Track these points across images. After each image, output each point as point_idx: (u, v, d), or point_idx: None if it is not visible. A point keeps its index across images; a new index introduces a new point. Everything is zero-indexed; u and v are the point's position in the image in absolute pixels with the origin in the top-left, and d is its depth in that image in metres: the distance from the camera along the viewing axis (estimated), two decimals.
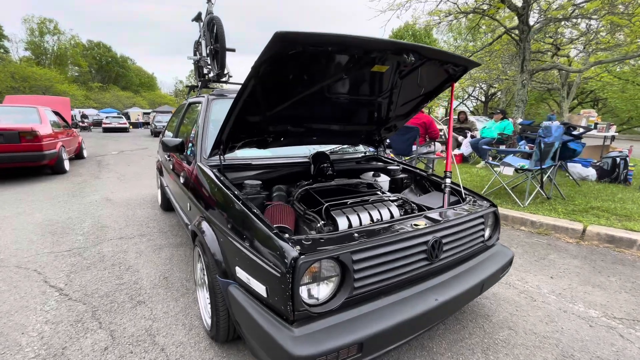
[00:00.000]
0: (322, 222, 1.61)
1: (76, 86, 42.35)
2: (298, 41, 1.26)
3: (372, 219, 1.69)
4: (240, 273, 1.41)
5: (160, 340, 1.88)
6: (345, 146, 2.91)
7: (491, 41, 10.56)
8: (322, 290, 1.29)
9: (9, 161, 5.76)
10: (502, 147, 7.64)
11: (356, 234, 1.41)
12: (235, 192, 1.67)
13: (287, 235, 1.33)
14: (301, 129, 2.16)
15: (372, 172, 2.44)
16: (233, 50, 3.14)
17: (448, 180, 2.06)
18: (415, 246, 1.49)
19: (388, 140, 3.01)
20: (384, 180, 2.41)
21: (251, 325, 1.30)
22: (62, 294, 2.35)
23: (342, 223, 1.60)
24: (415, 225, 1.59)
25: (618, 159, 5.72)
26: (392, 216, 1.77)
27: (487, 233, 1.99)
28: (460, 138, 8.47)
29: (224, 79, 3.13)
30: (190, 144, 2.59)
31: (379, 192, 2.02)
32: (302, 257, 1.19)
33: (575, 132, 5.10)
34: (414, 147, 5.43)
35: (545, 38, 11.98)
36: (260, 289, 1.29)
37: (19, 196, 5.02)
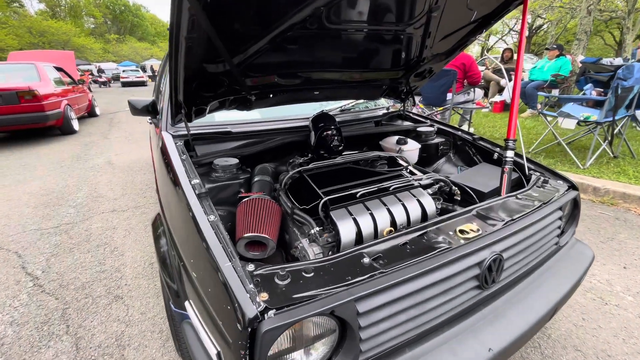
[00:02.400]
0: (317, 228, 1.07)
1: (93, 39, 41.59)
2: None
3: (393, 222, 1.13)
4: (191, 313, 0.94)
5: (129, 355, 1.55)
6: (362, 101, 2.24)
7: None
8: (308, 357, 0.80)
9: (10, 123, 5.53)
10: (555, 92, 6.45)
11: (366, 259, 0.87)
12: (193, 181, 1.15)
13: (250, 268, 0.81)
14: (295, 81, 1.53)
15: (397, 138, 1.81)
16: None
17: (510, 154, 1.40)
18: (462, 272, 0.94)
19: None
20: (412, 149, 1.78)
21: None
22: (36, 284, 2.08)
23: (347, 231, 1.06)
24: (463, 232, 1.02)
25: None
26: (424, 214, 1.20)
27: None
28: (502, 81, 7.25)
29: None
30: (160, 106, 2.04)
31: (405, 172, 1.42)
32: (269, 316, 0.69)
33: None
34: (449, 95, 4.55)
35: None
36: (212, 350, 0.82)
37: (23, 161, 4.84)
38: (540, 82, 6.46)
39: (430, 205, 1.22)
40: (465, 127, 4.79)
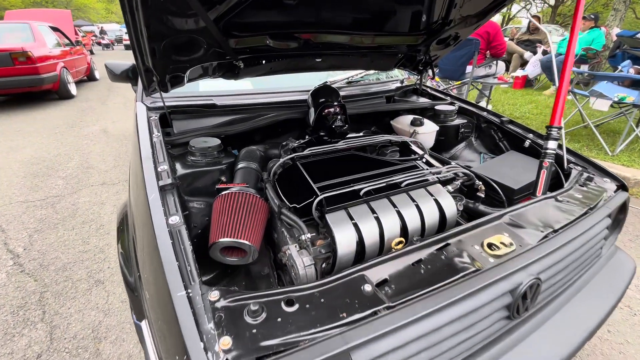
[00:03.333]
0: (309, 235, 0.86)
1: None
2: None
3: (404, 230, 0.91)
4: (147, 337, 0.76)
5: (105, 349, 1.43)
6: (372, 72, 1.94)
7: None
8: None
9: (5, 87, 5.28)
10: (584, 68, 5.92)
11: (368, 287, 0.66)
12: (160, 167, 0.94)
13: (213, 296, 0.61)
14: (292, 44, 1.25)
15: (412, 118, 1.55)
16: None
17: (552, 145, 1.14)
18: (491, 302, 0.74)
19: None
20: (429, 132, 1.53)
21: None
22: (16, 263, 1.96)
23: (345, 241, 0.84)
24: (492, 247, 0.80)
25: None
26: (442, 219, 0.97)
27: None
28: (527, 54, 6.67)
29: None
30: None
31: (420, 162, 1.18)
32: None
33: None
34: (468, 68, 4.15)
35: None
36: None
37: (18, 126, 4.67)
38: None
39: (451, 207, 0.99)
40: (482, 104, 4.43)
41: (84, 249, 2.08)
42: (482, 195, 1.18)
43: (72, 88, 6.60)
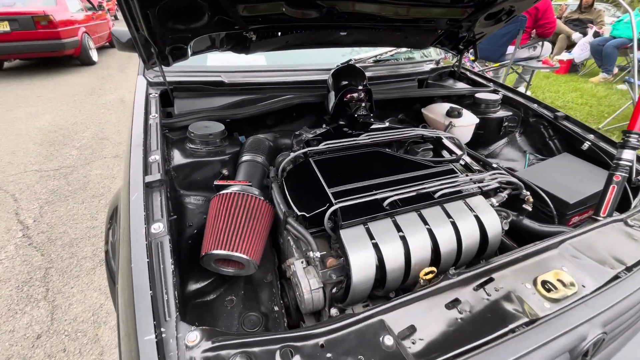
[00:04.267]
0: (318, 253, 0.71)
1: None
2: None
3: (436, 254, 0.75)
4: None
5: (104, 335, 1.38)
6: (403, 50, 1.70)
7: None
8: None
9: (27, 51, 5.29)
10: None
11: (388, 339, 0.52)
12: (151, 158, 0.81)
13: (191, 340, 0.48)
14: (312, 13, 1.05)
15: (448, 107, 1.33)
16: None
17: (629, 155, 0.92)
18: None
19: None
20: (467, 125, 1.31)
21: None
22: (25, 235, 1.95)
23: (362, 267, 0.69)
24: (548, 287, 0.63)
25: None
26: (484, 242, 0.80)
27: None
28: (575, 35, 5.99)
29: None
30: None
31: (456, 165, 0.98)
32: None
33: None
34: (510, 49, 3.74)
35: None
36: None
37: (39, 92, 4.69)
38: (624, 41, 5.25)
39: (494, 227, 0.81)
40: (521, 90, 4.03)
41: (92, 224, 2.04)
42: (529, 209, 0.98)
43: (94, 54, 6.56)
